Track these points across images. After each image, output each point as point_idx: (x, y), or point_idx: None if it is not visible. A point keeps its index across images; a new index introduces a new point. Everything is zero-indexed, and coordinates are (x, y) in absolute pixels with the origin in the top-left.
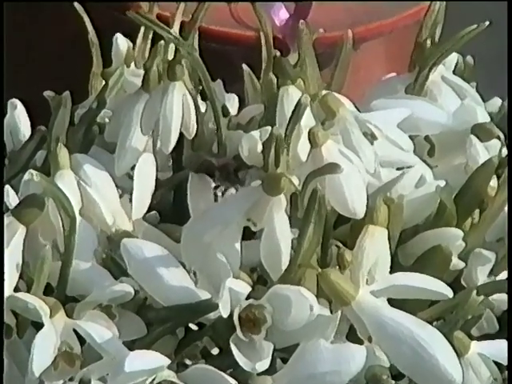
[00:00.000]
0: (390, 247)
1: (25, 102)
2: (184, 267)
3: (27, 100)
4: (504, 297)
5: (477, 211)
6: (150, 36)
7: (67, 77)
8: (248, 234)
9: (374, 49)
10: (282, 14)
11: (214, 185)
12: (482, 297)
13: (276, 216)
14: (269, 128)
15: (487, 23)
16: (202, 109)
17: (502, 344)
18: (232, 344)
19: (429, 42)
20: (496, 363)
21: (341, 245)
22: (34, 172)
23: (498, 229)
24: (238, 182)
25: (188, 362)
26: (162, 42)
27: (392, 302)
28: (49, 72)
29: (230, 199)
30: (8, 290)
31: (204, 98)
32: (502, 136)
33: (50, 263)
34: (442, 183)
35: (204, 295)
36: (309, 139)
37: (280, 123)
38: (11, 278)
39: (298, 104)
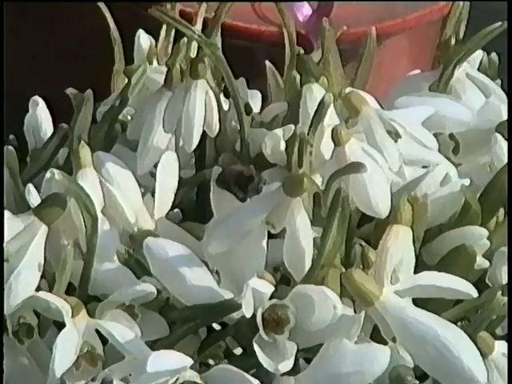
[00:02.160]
0: (414, 246)
1: (47, 99)
2: (207, 266)
3: (49, 97)
4: None
5: (501, 210)
6: (173, 33)
7: (89, 74)
8: (272, 233)
9: (397, 44)
10: (305, 10)
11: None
12: (506, 296)
13: (298, 217)
14: (292, 126)
15: None
16: (225, 107)
17: None
18: (255, 344)
19: (453, 39)
20: None
21: (365, 244)
22: (56, 171)
23: None
24: (251, 192)
25: (211, 362)
26: (185, 39)
27: (416, 302)
28: (70, 69)
29: (252, 202)
30: (30, 290)
31: (227, 96)
32: None
33: (72, 263)
34: (467, 182)
35: (227, 295)
36: (332, 138)
37: (303, 121)
38: (33, 278)
39: (322, 102)
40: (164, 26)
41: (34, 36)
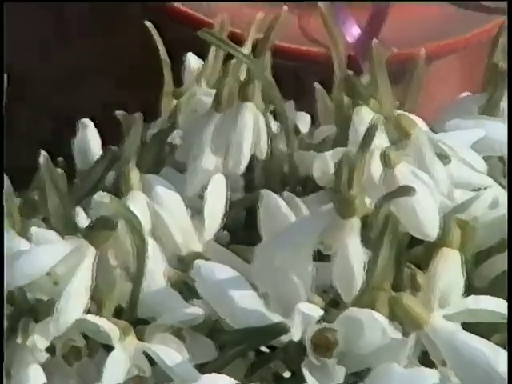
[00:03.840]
0: (463, 270)
1: (96, 121)
2: (255, 289)
3: (98, 119)
4: None
5: None
6: (222, 54)
7: (138, 96)
8: (320, 255)
9: (447, 65)
10: (353, 30)
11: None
12: None
13: (349, 239)
14: (341, 149)
15: None
16: (274, 129)
17: None
18: (304, 368)
19: (503, 60)
20: None
21: (414, 267)
22: (105, 193)
23: None
24: None
25: None
26: (234, 60)
27: (464, 325)
28: (119, 91)
29: (302, 221)
30: (79, 313)
31: (276, 118)
32: None
33: (121, 285)
34: None
35: (276, 318)
36: (381, 160)
37: (352, 144)
38: (82, 301)
39: (371, 125)
40: (213, 48)
41: (85, 59)
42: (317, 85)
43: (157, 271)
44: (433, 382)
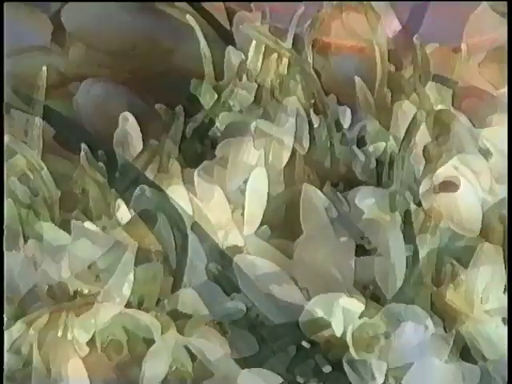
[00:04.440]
0: (505, 265)
1: (137, 114)
2: (296, 284)
3: (139, 113)
4: None
5: None
6: (263, 48)
7: (179, 89)
8: (361, 250)
9: (485, 60)
10: (394, 25)
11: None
12: None
13: (391, 234)
14: (382, 143)
15: None
16: (315, 123)
17: None
18: (345, 363)
19: None
20: None
21: (455, 262)
22: (146, 187)
23: None
24: None
25: (300, 380)
26: (275, 55)
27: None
28: (160, 84)
29: (343, 217)
30: (120, 307)
31: (317, 112)
32: None
33: (162, 279)
34: None
35: (317, 313)
36: (423, 155)
37: (394, 138)
38: (123, 294)
39: (413, 119)
40: (253, 42)
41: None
42: (357, 79)
43: (197, 265)
44: (473, 377)
